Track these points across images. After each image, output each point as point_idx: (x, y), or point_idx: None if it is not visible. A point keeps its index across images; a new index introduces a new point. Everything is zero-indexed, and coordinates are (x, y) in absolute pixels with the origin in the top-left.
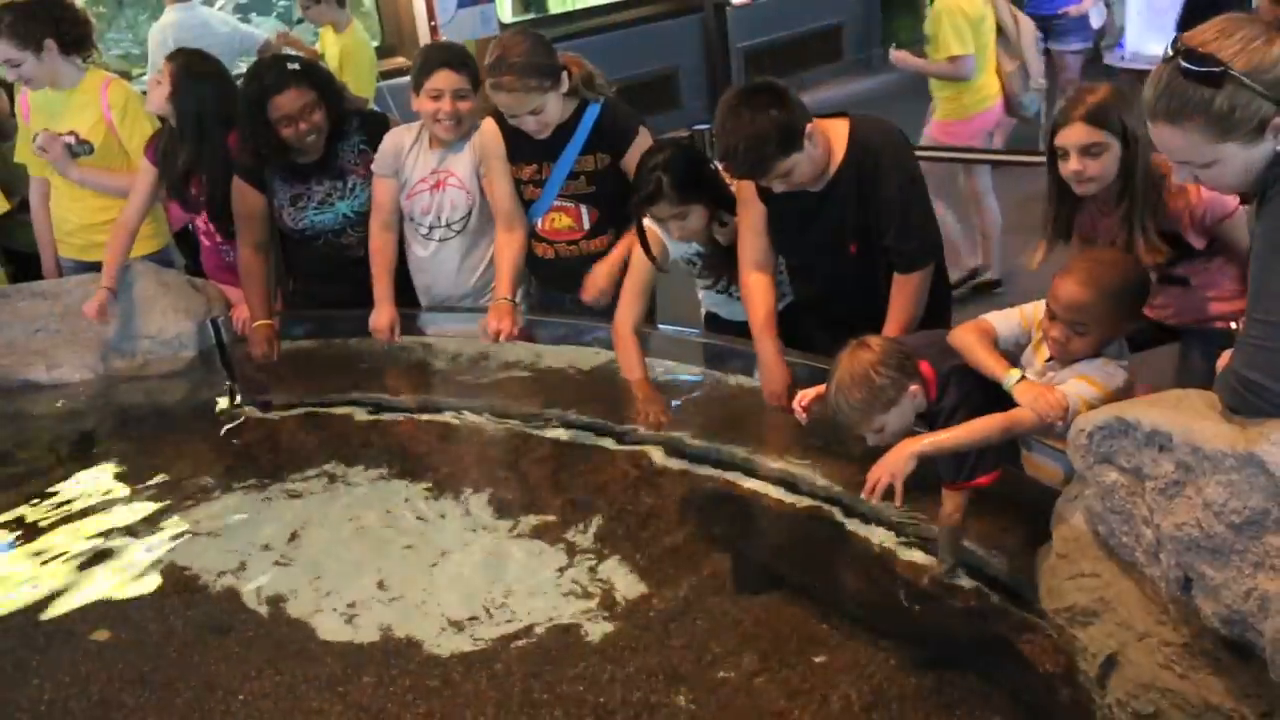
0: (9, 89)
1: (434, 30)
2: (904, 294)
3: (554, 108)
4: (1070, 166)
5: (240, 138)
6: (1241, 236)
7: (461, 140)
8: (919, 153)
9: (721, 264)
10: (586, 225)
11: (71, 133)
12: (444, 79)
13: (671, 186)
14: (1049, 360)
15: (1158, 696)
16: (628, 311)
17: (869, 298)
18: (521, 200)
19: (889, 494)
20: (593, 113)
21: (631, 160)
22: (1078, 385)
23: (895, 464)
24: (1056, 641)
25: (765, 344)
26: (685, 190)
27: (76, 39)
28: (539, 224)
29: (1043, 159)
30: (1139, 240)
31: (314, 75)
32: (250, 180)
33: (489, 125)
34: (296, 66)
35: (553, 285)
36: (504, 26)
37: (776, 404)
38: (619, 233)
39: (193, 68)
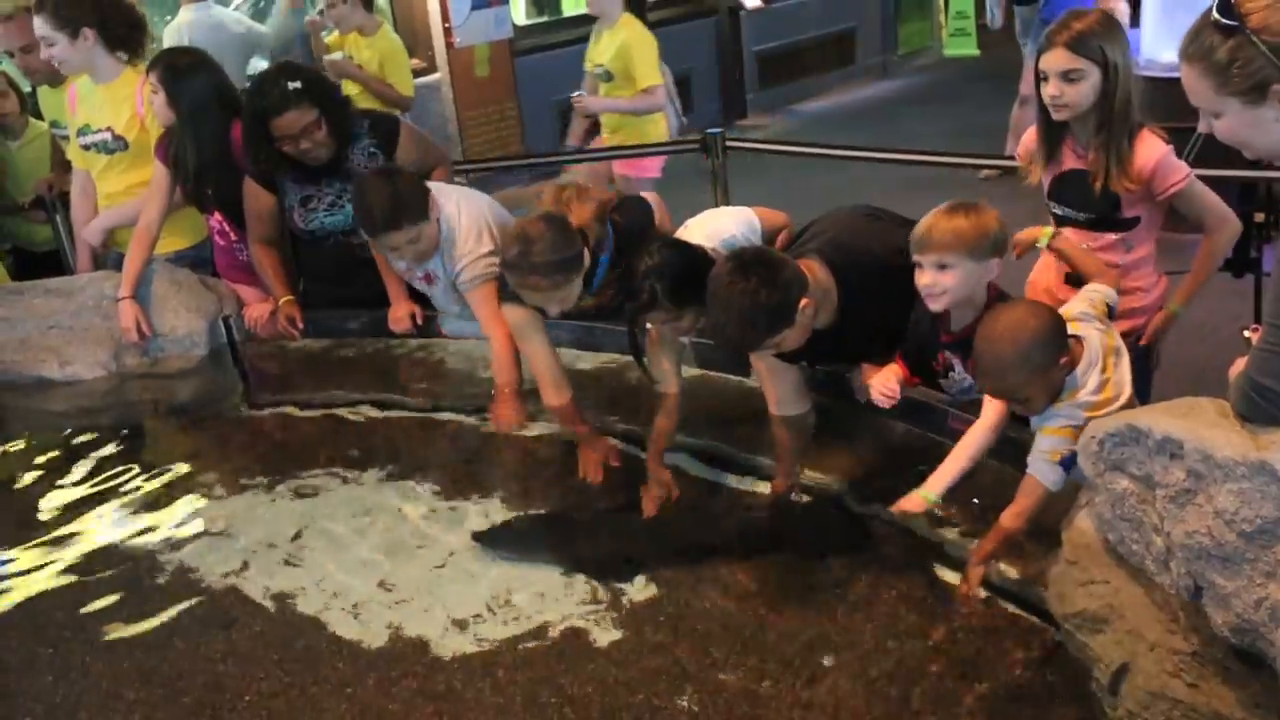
0: (17, 91)
1: (448, 33)
2: None
3: (578, 288)
4: (1049, 90)
5: (244, 148)
6: (1194, 208)
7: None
8: None
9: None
10: (610, 298)
11: (109, 129)
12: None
13: (665, 294)
14: None
15: (1168, 706)
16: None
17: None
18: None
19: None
20: (604, 261)
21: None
22: (1049, 443)
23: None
24: (1066, 649)
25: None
26: (678, 296)
27: (123, 37)
28: None
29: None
30: (1113, 170)
31: (316, 92)
32: (260, 180)
33: (514, 314)
34: (298, 85)
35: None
36: (518, 29)
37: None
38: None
39: (176, 66)
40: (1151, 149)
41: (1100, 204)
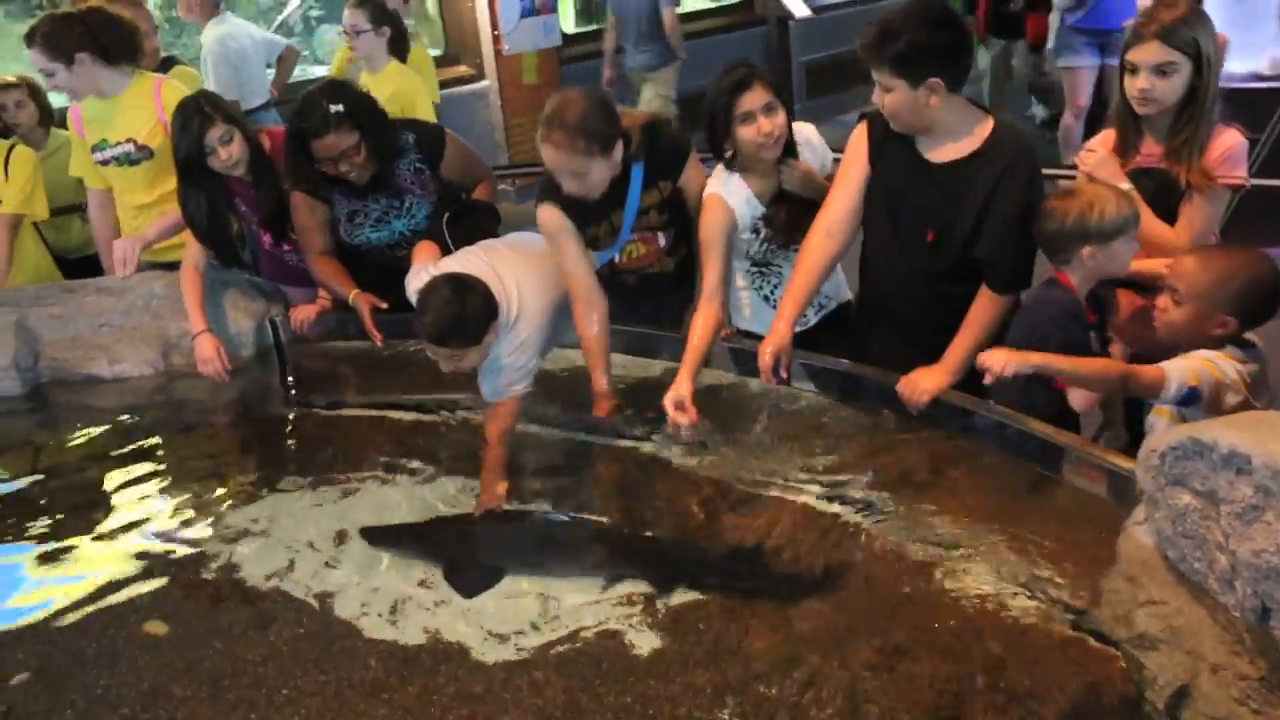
0: (39, 102)
1: (497, 39)
2: (986, 310)
3: (602, 174)
4: (1138, 84)
5: (287, 165)
6: (1203, 212)
7: None
8: None
9: (788, 224)
10: (664, 245)
11: (130, 140)
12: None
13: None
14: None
15: None
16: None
17: (935, 310)
18: (597, 248)
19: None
20: (639, 168)
21: (688, 182)
22: (1189, 360)
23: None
24: (1122, 669)
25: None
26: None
27: (119, 49)
28: (616, 257)
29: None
30: (1192, 164)
31: (358, 116)
32: (311, 193)
33: (546, 213)
34: (340, 108)
35: (632, 300)
36: (566, 37)
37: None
38: (690, 250)
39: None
40: (1229, 138)
41: (1172, 201)
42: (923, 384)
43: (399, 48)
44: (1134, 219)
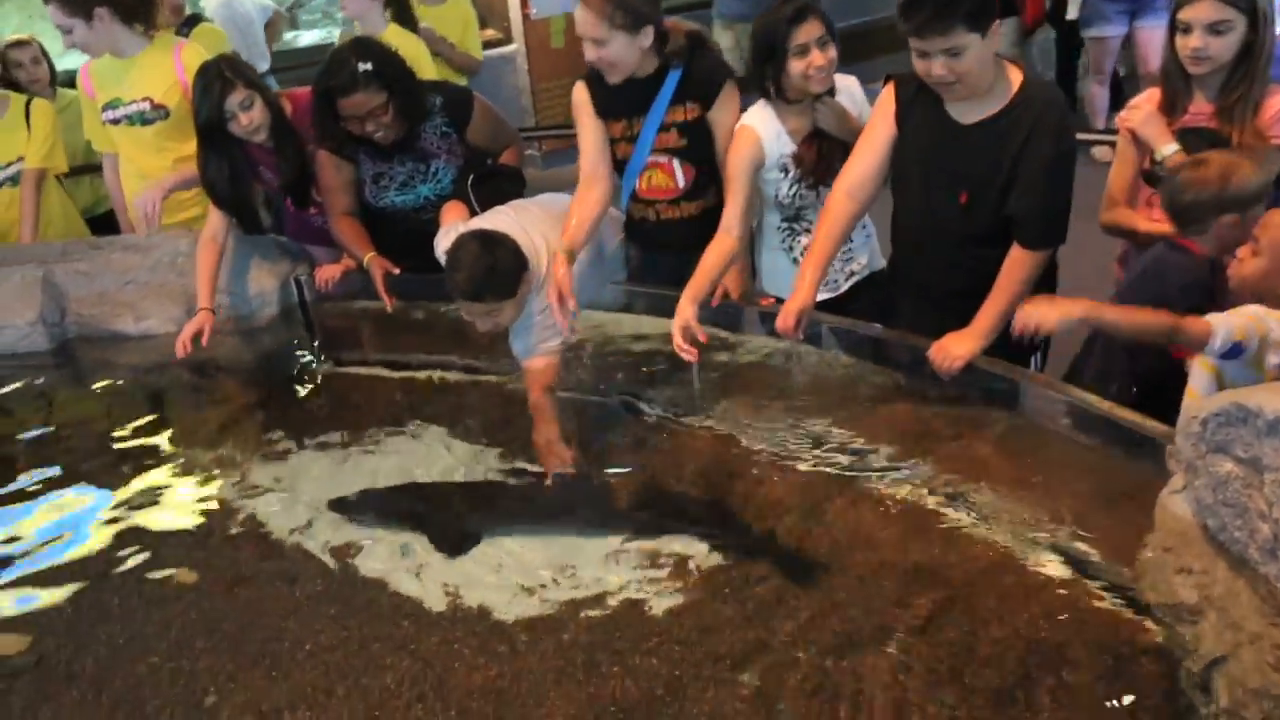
0: (49, 62)
1: (525, 3)
2: (1018, 269)
3: (622, 51)
4: (1191, 43)
5: (314, 124)
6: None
7: None
8: None
9: (817, 163)
10: (682, 183)
11: (146, 99)
12: None
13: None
14: None
15: (1271, 705)
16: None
17: (966, 274)
18: (615, 161)
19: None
20: (675, 75)
21: (719, 115)
22: (1238, 315)
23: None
24: (1158, 639)
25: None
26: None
27: (135, 7)
28: (637, 184)
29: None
30: (1247, 124)
31: (387, 75)
32: (336, 152)
33: (577, 88)
34: (369, 66)
35: (653, 249)
36: None
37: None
38: (719, 195)
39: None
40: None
41: None
42: (954, 350)
43: (404, 13)
44: (1270, 183)
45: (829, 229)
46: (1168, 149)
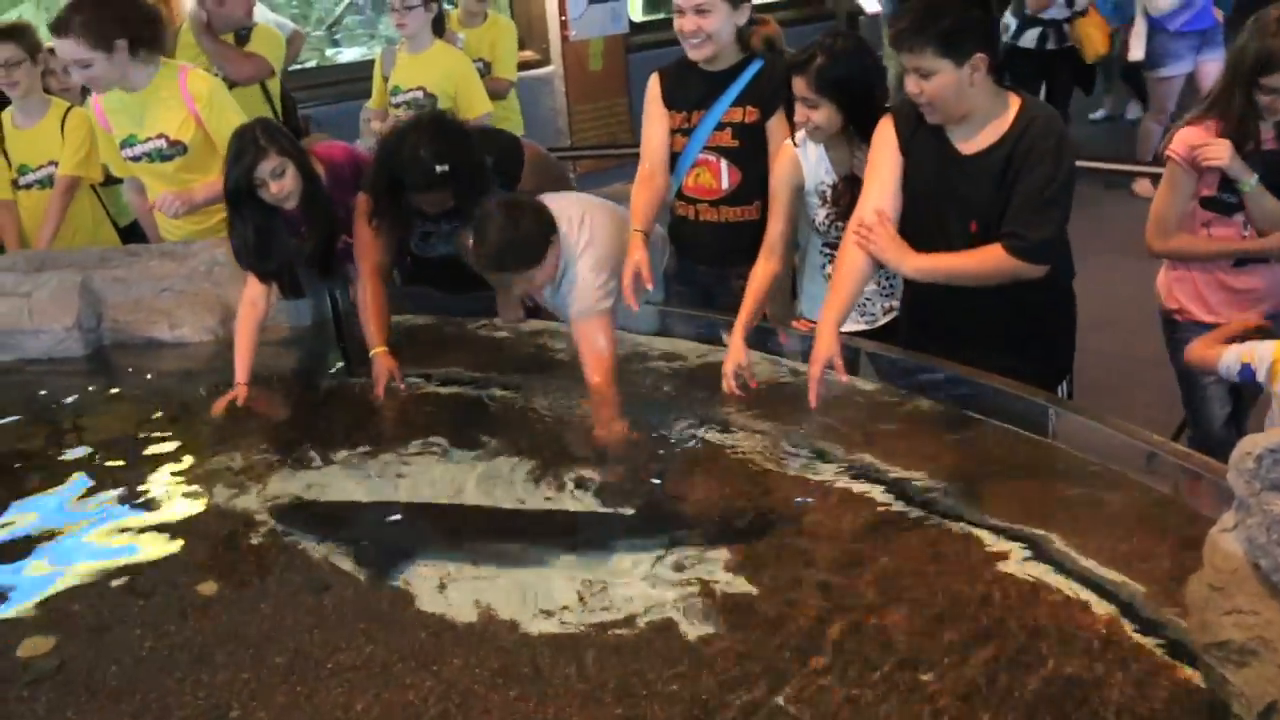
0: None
1: (564, 25)
2: (986, 255)
3: (722, 21)
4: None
5: (371, 200)
6: None
7: None
8: None
9: (851, 204)
10: (726, 184)
11: (161, 135)
12: None
13: (818, 70)
14: None
15: None
16: None
17: (985, 310)
18: (671, 152)
19: None
20: (754, 68)
21: (776, 125)
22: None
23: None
24: (1207, 682)
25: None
26: (824, 83)
27: (148, 38)
28: (685, 180)
29: None
30: None
31: (463, 179)
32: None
33: (652, 80)
34: (446, 169)
35: (689, 253)
36: (634, 25)
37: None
38: (763, 206)
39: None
40: None
41: None
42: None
43: (438, 26)
44: None
45: (849, 270)
46: (1252, 180)
